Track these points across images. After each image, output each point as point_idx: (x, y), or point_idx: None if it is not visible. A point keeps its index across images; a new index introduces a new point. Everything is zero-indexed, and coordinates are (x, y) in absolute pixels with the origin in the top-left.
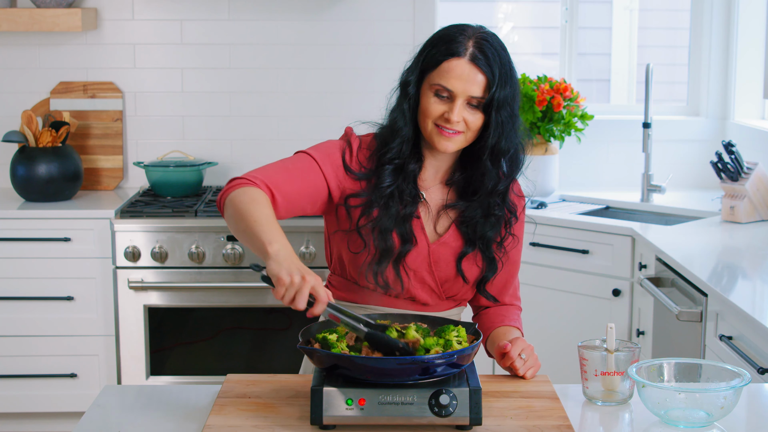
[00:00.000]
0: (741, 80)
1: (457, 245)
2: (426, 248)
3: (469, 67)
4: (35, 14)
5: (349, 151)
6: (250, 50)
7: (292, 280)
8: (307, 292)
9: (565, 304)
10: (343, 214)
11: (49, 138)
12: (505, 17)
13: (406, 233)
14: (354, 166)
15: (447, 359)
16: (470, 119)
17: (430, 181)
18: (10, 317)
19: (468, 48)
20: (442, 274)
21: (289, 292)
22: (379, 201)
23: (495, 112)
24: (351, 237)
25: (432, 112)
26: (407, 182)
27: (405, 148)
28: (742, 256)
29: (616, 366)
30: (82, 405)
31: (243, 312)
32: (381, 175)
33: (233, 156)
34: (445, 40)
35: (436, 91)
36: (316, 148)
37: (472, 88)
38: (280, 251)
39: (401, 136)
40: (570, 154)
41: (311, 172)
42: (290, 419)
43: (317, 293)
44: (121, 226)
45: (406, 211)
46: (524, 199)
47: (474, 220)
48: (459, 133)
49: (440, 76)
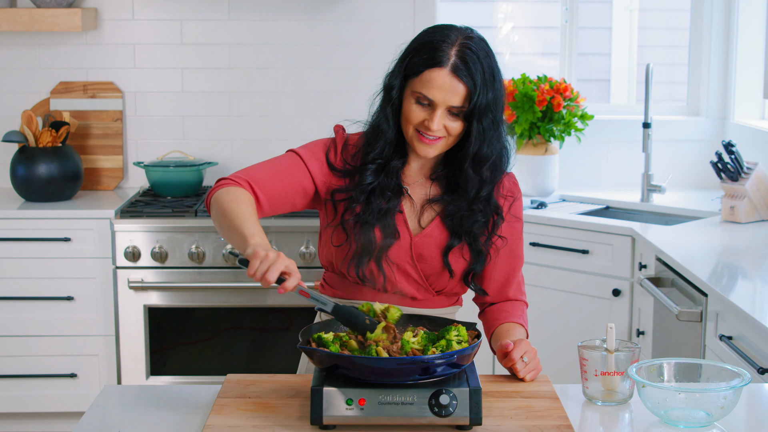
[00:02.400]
0: (741, 80)
1: (441, 238)
2: (408, 241)
3: (450, 77)
4: (35, 14)
5: (333, 148)
6: (250, 50)
7: (267, 255)
8: (281, 267)
9: (565, 304)
10: (330, 209)
11: (49, 138)
12: (505, 17)
13: (389, 227)
14: (338, 163)
15: (447, 359)
16: (451, 126)
17: (415, 176)
18: (10, 317)
19: (450, 57)
20: (426, 267)
21: (263, 266)
22: (361, 196)
23: (476, 121)
24: (336, 231)
25: (413, 119)
26: (390, 178)
27: (387, 150)
28: (742, 256)
29: (616, 366)
30: (82, 405)
31: (243, 312)
32: (364, 173)
33: (233, 156)
34: (428, 47)
35: (417, 99)
36: (304, 146)
37: (452, 98)
38: (260, 242)
39: (384, 138)
40: (570, 154)
41: (297, 169)
42: (290, 419)
43: (291, 270)
44: (121, 226)
45: (389, 206)
46: (516, 196)
47: (458, 214)
48: (439, 138)
49: (421, 85)
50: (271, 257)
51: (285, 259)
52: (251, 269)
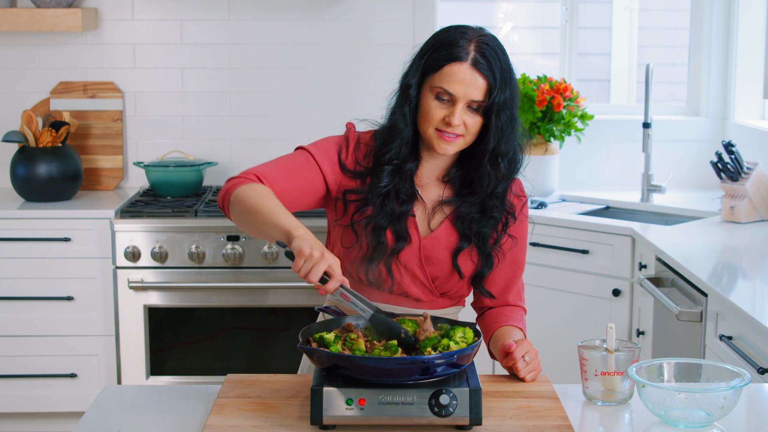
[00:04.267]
0: (741, 80)
1: (450, 240)
2: (417, 244)
3: (470, 71)
4: (35, 14)
5: (345, 147)
6: (250, 50)
7: (312, 254)
8: (324, 267)
9: (565, 304)
10: (340, 207)
11: (49, 138)
12: (505, 17)
13: (401, 231)
14: (349, 163)
15: (447, 359)
16: (470, 122)
17: (427, 178)
18: (10, 317)
19: (470, 52)
20: (434, 269)
21: (307, 264)
22: (375, 199)
23: (495, 116)
24: (346, 231)
25: (433, 117)
26: (404, 181)
27: (404, 150)
28: (742, 256)
29: (616, 366)
30: (82, 405)
31: (243, 312)
32: (379, 174)
33: (233, 156)
34: (447, 43)
35: (438, 94)
36: (315, 144)
37: (473, 92)
38: (306, 234)
39: (401, 137)
40: (570, 154)
41: (308, 167)
42: (290, 419)
43: (333, 271)
44: (121, 226)
45: (402, 209)
46: (525, 198)
47: (470, 216)
48: (459, 136)
49: (442, 80)
50: (315, 256)
51: (329, 257)
52: (296, 266)
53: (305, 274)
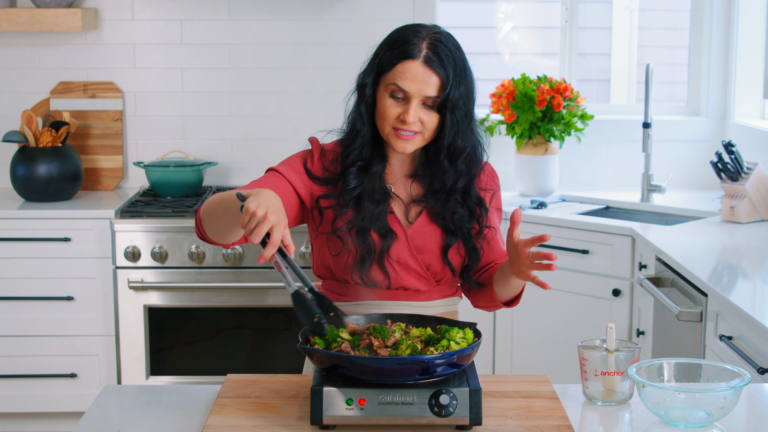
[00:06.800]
0: (741, 80)
1: (431, 228)
2: (404, 236)
3: (423, 68)
4: (35, 14)
5: (310, 158)
6: (250, 50)
7: (256, 212)
8: (266, 228)
9: (565, 304)
10: (317, 216)
11: (49, 138)
12: (505, 17)
13: (384, 229)
14: (317, 170)
15: (447, 359)
16: (426, 119)
17: (396, 175)
18: (10, 317)
19: (422, 50)
20: (426, 257)
21: (251, 223)
22: (349, 202)
23: (450, 113)
24: (330, 239)
25: (389, 115)
26: (374, 182)
27: (366, 149)
28: (742, 256)
29: (616, 366)
30: (82, 405)
31: (243, 312)
32: (347, 177)
33: (233, 156)
34: (400, 42)
35: (392, 92)
36: (282, 163)
37: (426, 89)
38: (261, 192)
39: (361, 137)
40: (570, 154)
41: (280, 184)
42: (290, 419)
43: (272, 235)
44: (121, 226)
45: (380, 209)
46: (493, 190)
47: (445, 212)
48: (416, 134)
49: (395, 77)
50: (258, 215)
51: (272, 218)
52: (241, 224)
53: (249, 233)
